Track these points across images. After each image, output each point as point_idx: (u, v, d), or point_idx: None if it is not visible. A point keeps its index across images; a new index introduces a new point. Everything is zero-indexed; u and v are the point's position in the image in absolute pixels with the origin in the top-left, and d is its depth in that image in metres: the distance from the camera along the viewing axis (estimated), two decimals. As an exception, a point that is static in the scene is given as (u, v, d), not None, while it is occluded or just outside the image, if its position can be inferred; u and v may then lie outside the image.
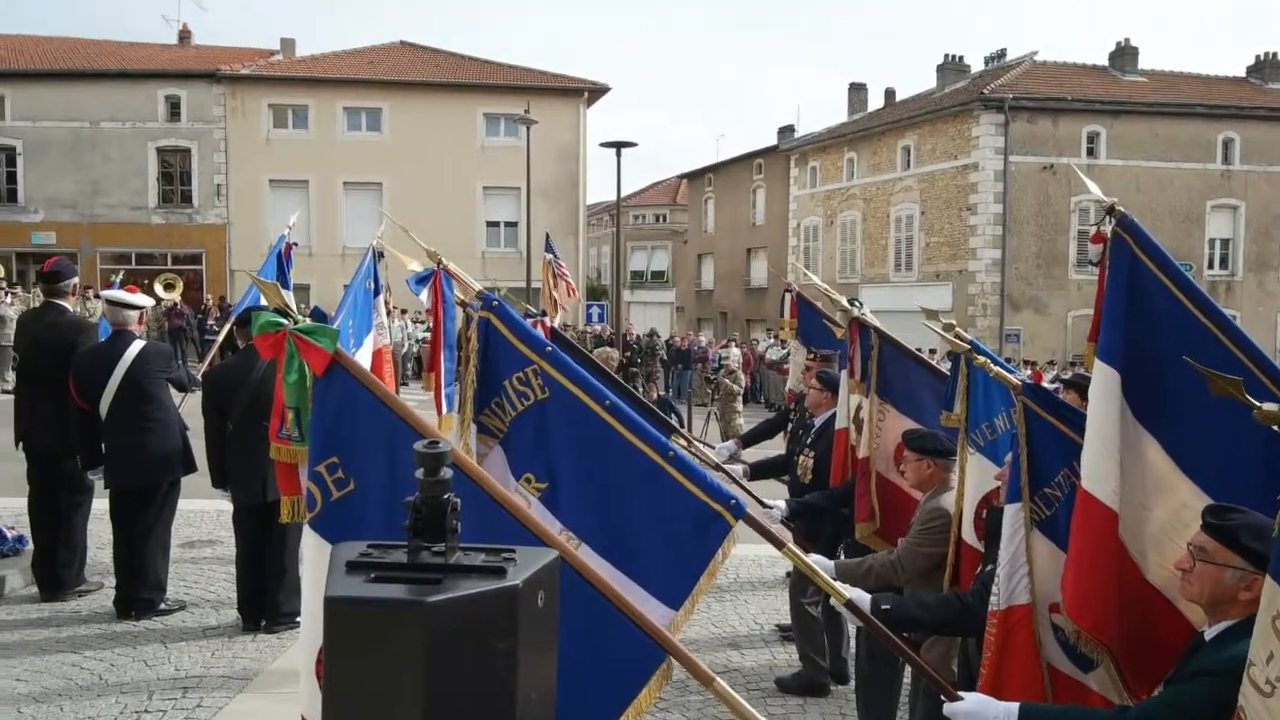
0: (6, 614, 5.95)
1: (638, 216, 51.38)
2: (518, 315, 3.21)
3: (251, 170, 29.18)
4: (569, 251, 29.20)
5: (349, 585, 1.35)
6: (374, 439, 2.39)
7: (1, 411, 12.04)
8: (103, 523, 6.29)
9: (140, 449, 5.86)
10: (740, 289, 40.67)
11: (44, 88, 28.64)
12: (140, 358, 5.89)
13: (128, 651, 5.36)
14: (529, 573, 1.38)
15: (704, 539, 2.76)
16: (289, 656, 5.37)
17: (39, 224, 28.79)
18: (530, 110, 25.21)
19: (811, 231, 36.25)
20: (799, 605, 5.43)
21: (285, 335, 2.37)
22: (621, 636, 2.33)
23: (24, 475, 6.40)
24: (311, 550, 2.43)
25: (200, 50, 32.80)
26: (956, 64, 34.27)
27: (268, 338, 2.39)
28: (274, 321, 2.38)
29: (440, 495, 1.43)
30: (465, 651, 1.30)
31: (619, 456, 2.87)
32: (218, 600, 6.27)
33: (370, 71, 30.57)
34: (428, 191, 27.12)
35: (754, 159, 40.03)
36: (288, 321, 2.39)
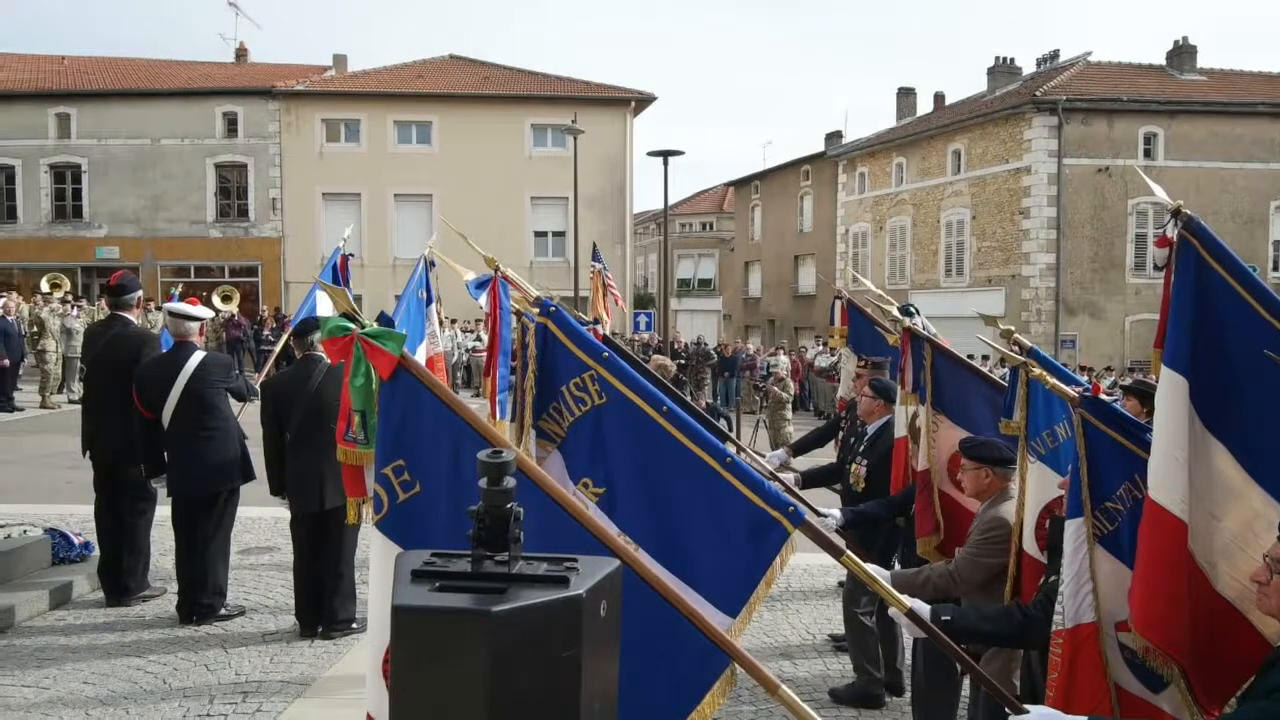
0: (74, 618, 6.12)
1: (684, 225, 51.40)
2: (575, 321, 3.22)
3: (305, 184, 29.77)
4: (615, 261, 29.31)
5: (415, 594, 1.37)
6: (439, 442, 2.42)
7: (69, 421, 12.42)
8: (166, 529, 6.44)
9: (201, 458, 5.99)
10: (788, 296, 40.43)
11: (108, 107, 29.54)
12: (201, 368, 6.02)
13: (189, 656, 5.47)
14: (592, 582, 1.38)
15: (762, 546, 2.75)
16: (346, 662, 5.45)
17: (103, 239, 29.66)
18: (577, 120, 25.37)
19: (860, 238, 35.94)
20: (853, 615, 5.36)
21: (353, 339, 2.40)
22: (685, 642, 2.32)
23: (91, 483, 6.58)
24: (378, 552, 2.46)
25: (256, 67, 33.58)
26: (1008, 66, 33.78)
27: (336, 342, 2.43)
28: (342, 326, 2.42)
29: (503, 505, 1.44)
30: (529, 660, 1.31)
31: (676, 462, 2.86)
32: (276, 606, 6.38)
33: (420, 85, 31.03)
34: (476, 202, 27.40)
35: (801, 166, 39.82)
36: (355, 326, 2.42)
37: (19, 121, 29.29)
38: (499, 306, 4.18)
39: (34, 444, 13.20)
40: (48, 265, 27.00)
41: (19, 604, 6.02)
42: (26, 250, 29.48)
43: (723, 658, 2.36)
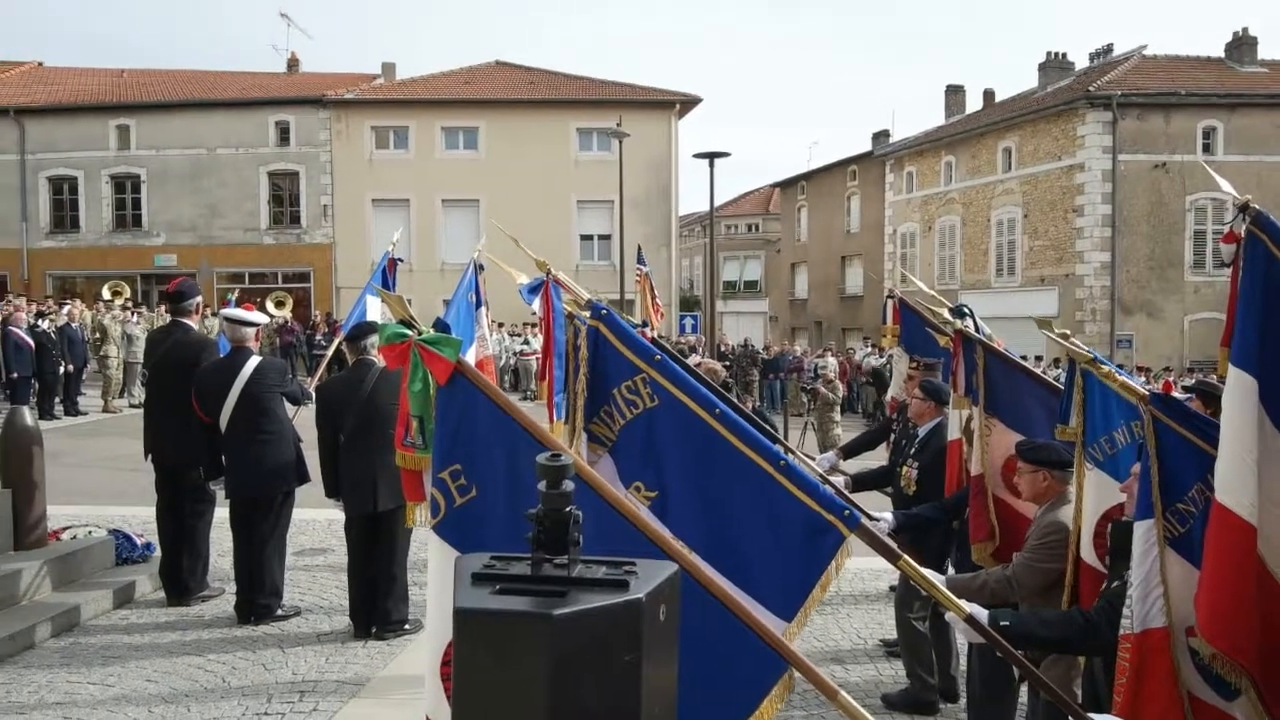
0: (137, 617, 6.27)
1: (730, 226, 51.27)
2: (626, 324, 3.23)
3: (355, 190, 30.23)
4: (661, 263, 29.34)
5: (476, 597, 1.37)
6: (496, 446, 2.44)
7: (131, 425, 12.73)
8: (224, 530, 6.57)
9: (257, 461, 6.10)
10: (835, 297, 40.11)
11: (166, 118, 30.31)
12: (257, 372, 6.13)
13: (248, 655, 5.58)
14: (651, 586, 1.38)
15: (817, 550, 2.72)
16: (400, 663, 5.51)
17: (161, 247, 30.41)
18: (622, 124, 25.44)
19: (908, 238, 35.53)
20: (905, 620, 5.29)
21: (410, 346, 2.44)
22: (742, 646, 2.31)
23: (153, 485, 6.74)
24: (436, 555, 2.49)
25: (307, 77, 34.18)
26: (1060, 61, 33.16)
27: (394, 348, 2.46)
28: (400, 332, 2.45)
29: (562, 508, 1.44)
30: (589, 664, 1.31)
31: (729, 465, 2.85)
32: (330, 607, 6.47)
33: (467, 91, 31.36)
34: (523, 206, 27.57)
35: (848, 166, 39.49)
36: (412, 333, 2.45)
37: (81, 133, 30.19)
38: (552, 310, 4.20)
39: (97, 447, 13.57)
40: (109, 273, 27.80)
41: (84, 603, 6.18)
42: (89, 259, 30.36)
43: (780, 663, 2.34)
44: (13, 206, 30.25)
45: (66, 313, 18.86)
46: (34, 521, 6.61)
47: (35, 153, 30.20)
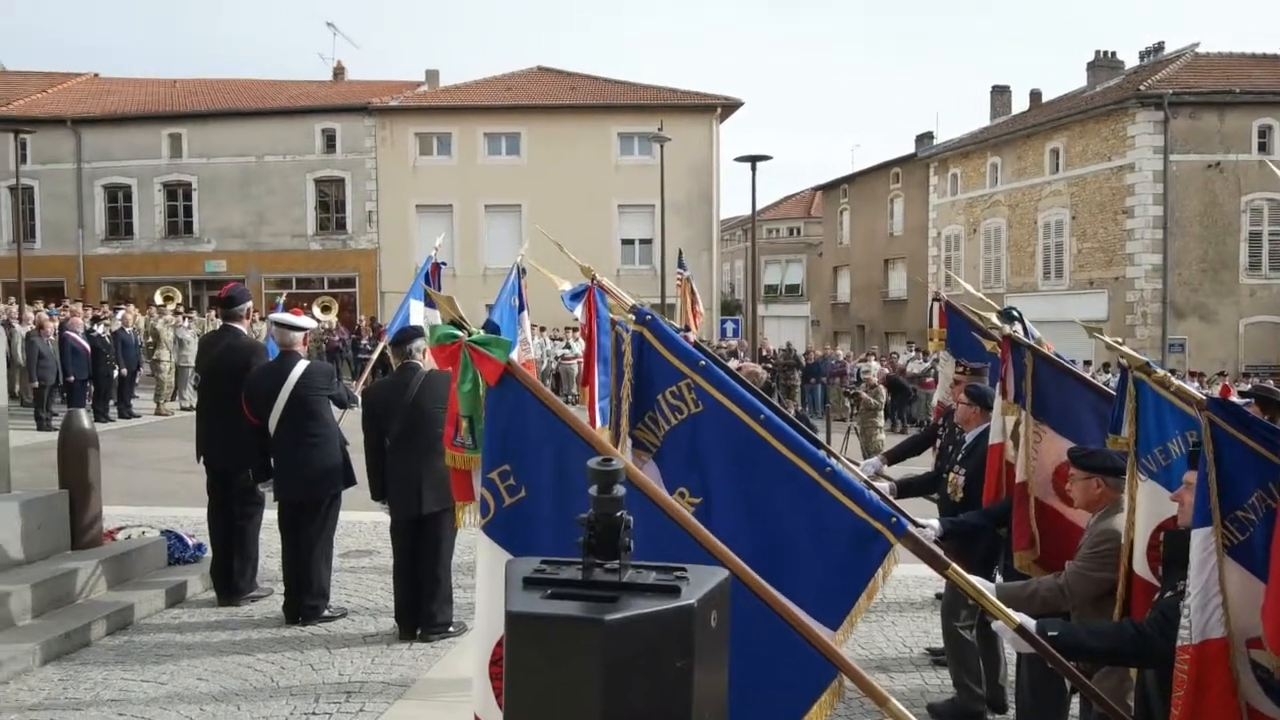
0: (189, 616, 6.39)
1: (771, 230, 51.04)
2: (671, 329, 3.22)
3: (399, 197, 30.61)
4: (702, 267, 29.28)
5: (527, 601, 1.38)
6: (545, 447, 2.45)
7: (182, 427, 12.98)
8: (273, 532, 6.67)
9: (305, 464, 6.18)
10: (878, 301, 39.75)
11: (216, 127, 30.95)
12: (305, 376, 6.23)
13: (296, 655, 5.66)
14: (703, 592, 1.37)
15: (863, 558, 2.69)
16: (444, 664, 5.55)
17: (211, 253, 31.05)
18: (664, 128, 25.46)
19: (953, 240, 35.10)
20: (952, 629, 5.22)
21: (460, 347, 2.45)
22: (792, 652, 2.29)
23: (203, 487, 6.87)
24: (485, 555, 2.50)
25: (353, 85, 34.69)
26: (1109, 60, 32.59)
27: (444, 349, 2.48)
28: (450, 333, 2.47)
29: (614, 513, 1.44)
30: (641, 669, 1.30)
31: (774, 471, 2.82)
32: (376, 608, 6.54)
33: (509, 98, 31.60)
34: (564, 211, 27.69)
35: (891, 168, 39.14)
36: (463, 334, 2.47)
37: (135, 142, 30.93)
38: (596, 315, 4.21)
39: (150, 449, 13.87)
40: (161, 279, 28.39)
41: (138, 602, 6.32)
42: (142, 265, 31.09)
43: (830, 668, 2.32)
44: (70, 214, 31.08)
45: (121, 318, 19.34)
46: (90, 521, 6.77)
47: (91, 161, 31.00)
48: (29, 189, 29.64)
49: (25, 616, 5.74)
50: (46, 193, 31.02)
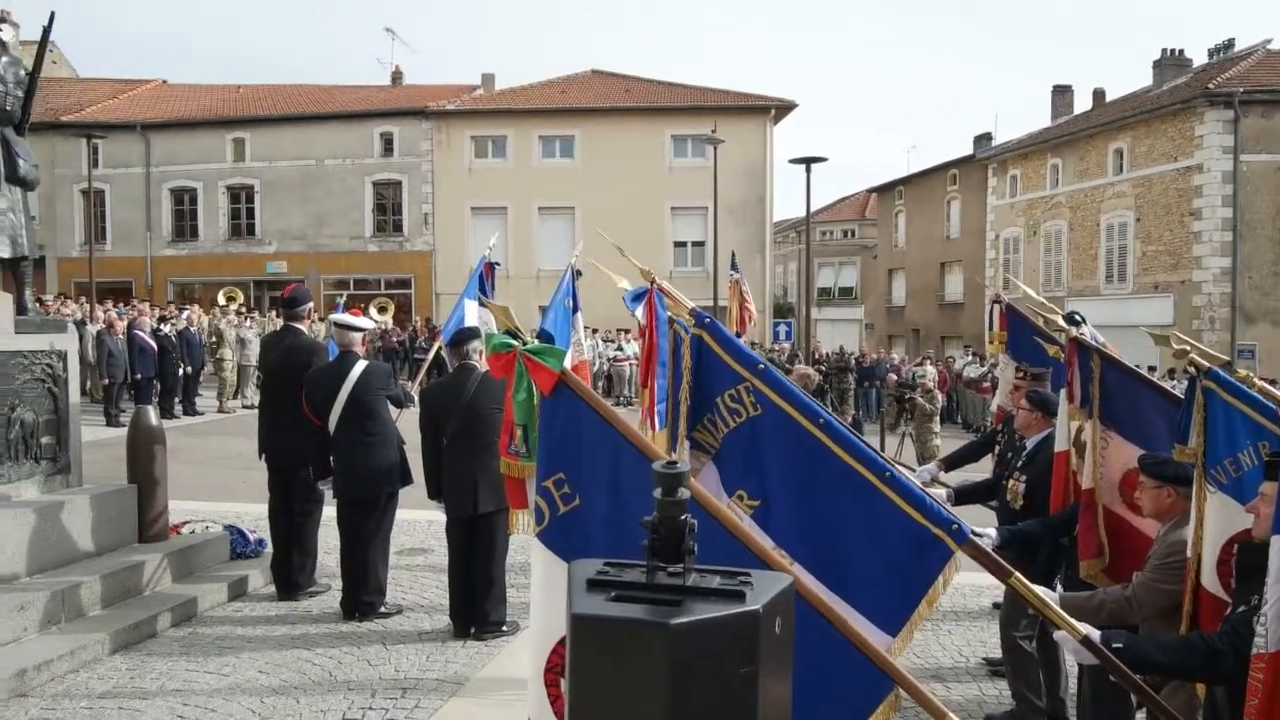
0: (250, 610, 6.54)
1: (825, 232, 50.63)
2: (730, 333, 3.21)
3: (455, 199, 30.99)
4: (755, 270, 29.13)
5: (592, 603, 1.38)
6: (598, 456, 2.46)
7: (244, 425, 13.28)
8: (331, 529, 6.79)
9: (363, 462, 6.28)
10: (934, 304, 39.18)
11: (278, 131, 31.66)
12: (364, 376, 6.32)
13: (353, 651, 5.75)
14: (768, 598, 1.36)
15: (924, 564, 2.65)
16: (498, 663, 5.60)
17: (272, 254, 31.75)
18: (717, 130, 25.40)
19: (1012, 243, 34.45)
20: (1011, 639, 5.11)
21: (515, 356, 2.47)
22: (848, 664, 2.26)
23: (264, 484, 7.02)
24: (539, 563, 2.51)
25: (410, 89, 35.20)
26: (1176, 59, 31.71)
27: (499, 358, 2.50)
28: (505, 343, 2.49)
29: (678, 516, 1.44)
30: (707, 675, 1.30)
31: (833, 476, 2.80)
32: (431, 606, 6.62)
33: (563, 100, 31.80)
34: (617, 213, 27.80)
35: (948, 169, 38.56)
36: (517, 343, 2.49)
37: (200, 147, 31.77)
38: (655, 318, 4.21)
39: (213, 446, 14.21)
40: (224, 279, 29.12)
41: (201, 595, 6.47)
42: (206, 266, 31.91)
43: (886, 681, 2.29)
44: (138, 217, 32.02)
45: (186, 317, 19.85)
46: (156, 515, 6.96)
47: (159, 165, 31.92)
48: (100, 192, 30.63)
49: (95, 607, 5.92)
50: (117, 196, 32.02)
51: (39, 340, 6.44)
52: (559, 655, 2.42)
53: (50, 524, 6.07)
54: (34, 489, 6.32)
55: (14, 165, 6.75)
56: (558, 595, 2.41)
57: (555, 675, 2.43)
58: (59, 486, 6.51)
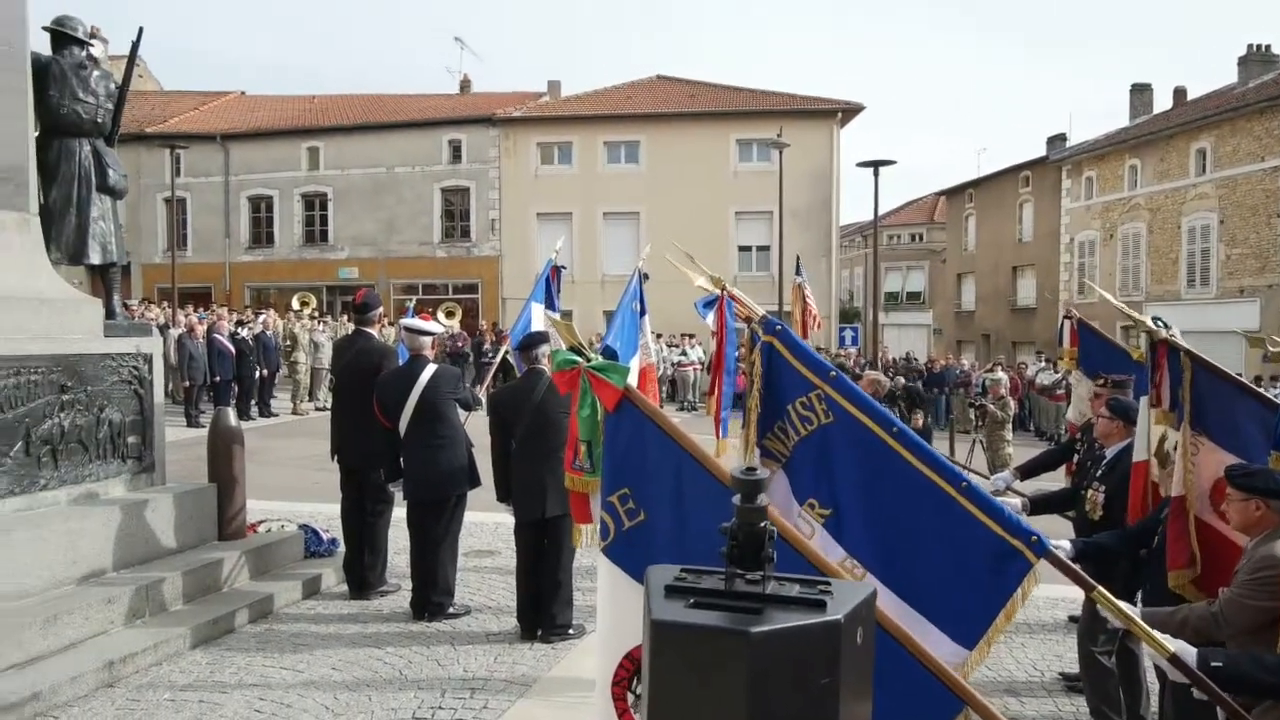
0: (323, 608, 6.68)
1: (892, 236, 49.91)
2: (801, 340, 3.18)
3: (521, 205, 31.32)
4: (820, 274, 28.85)
5: (672, 610, 1.37)
6: (663, 471, 2.45)
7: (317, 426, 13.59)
8: (401, 529, 6.91)
9: (433, 464, 6.37)
10: (1005, 309, 38.32)
11: (350, 140, 32.39)
12: (434, 380, 6.42)
13: (422, 650, 5.83)
14: (849, 607, 1.34)
15: (1001, 577, 2.59)
16: (565, 665, 5.63)
17: (344, 260, 32.49)
18: (783, 134, 25.23)
19: (1087, 246, 33.53)
20: (1089, 654, 4.96)
21: (580, 373, 2.49)
22: (916, 683, 2.21)
23: (337, 484, 7.17)
24: (605, 578, 2.52)
25: (478, 97, 35.70)
26: (1263, 54, 30.51)
27: (564, 374, 2.52)
28: (569, 360, 2.51)
29: (757, 523, 1.42)
30: (787, 684, 1.28)
31: (907, 485, 2.75)
32: (498, 608, 6.69)
33: (628, 106, 31.92)
34: (682, 218, 27.79)
35: (1020, 171, 37.71)
36: (582, 360, 2.51)
37: (277, 156, 32.68)
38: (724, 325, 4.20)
39: (287, 447, 14.58)
40: (298, 284, 29.87)
41: (277, 592, 6.64)
42: (281, 271, 32.78)
43: (955, 702, 2.22)
44: (218, 224, 33.06)
45: (262, 321, 20.41)
46: (234, 514, 7.16)
47: (237, 174, 32.91)
48: (182, 200, 31.68)
49: (177, 602, 6.11)
50: (197, 204, 33.10)
51: (126, 343, 6.68)
52: (625, 669, 2.42)
53: (135, 521, 6.28)
54: (121, 487, 6.55)
55: (105, 175, 7.03)
56: (624, 609, 2.42)
57: (622, 689, 2.44)
58: (144, 485, 6.74)
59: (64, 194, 7.02)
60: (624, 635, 2.37)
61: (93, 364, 6.33)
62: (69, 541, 5.78)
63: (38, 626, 5.17)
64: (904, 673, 2.23)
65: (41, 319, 6.12)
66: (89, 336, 6.46)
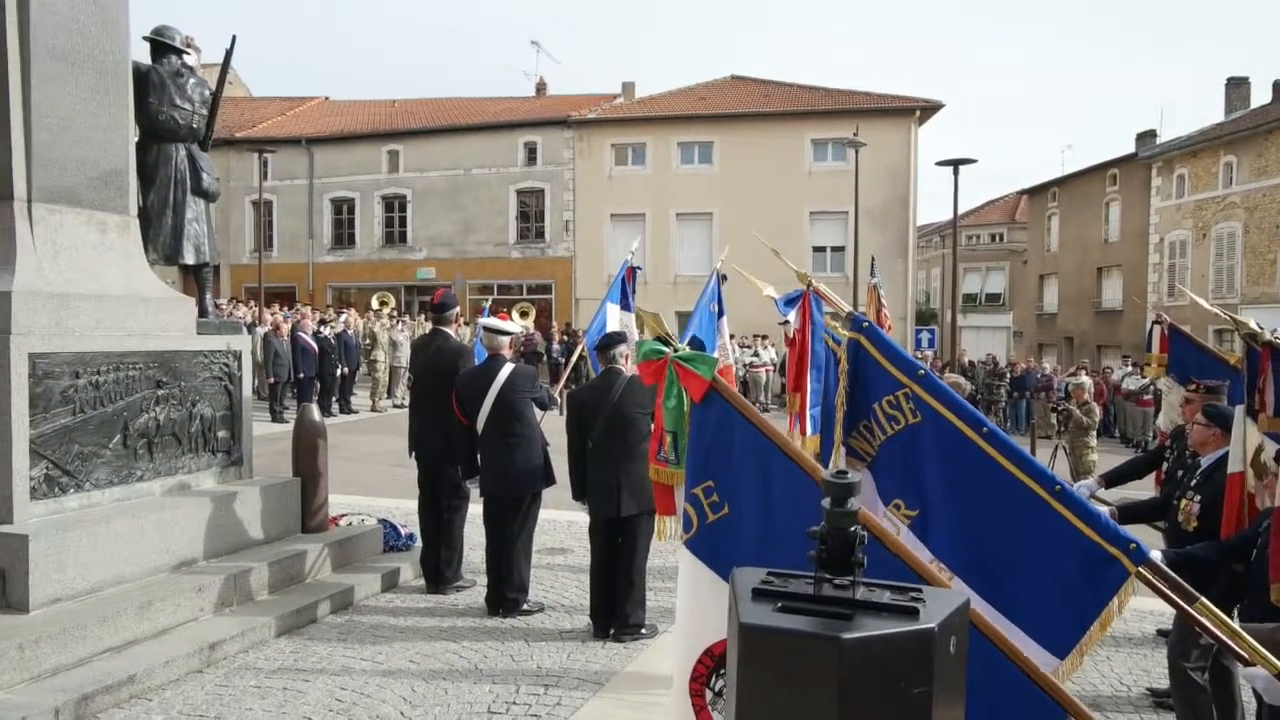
0: (401, 601, 6.82)
1: (971, 237, 48.82)
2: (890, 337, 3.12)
3: (595, 206, 31.52)
4: (897, 275, 28.40)
5: (759, 613, 1.36)
6: (748, 465, 2.42)
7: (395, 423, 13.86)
8: (477, 526, 7.01)
9: (509, 462, 6.45)
10: (1089, 312, 37.15)
11: (429, 143, 33.04)
12: (511, 378, 6.50)
13: (497, 645, 5.91)
14: (943, 616, 1.31)
15: (1097, 584, 2.50)
16: (638, 664, 5.63)
17: (422, 261, 33.15)
18: (859, 133, 24.89)
19: (1178, 247, 32.30)
20: (1181, 669, 4.77)
21: (666, 362, 2.48)
22: (1014, 691, 2.15)
23: (413, 481, 7.31)
24: (687, 571, 2.50)
25: (553, 99, 36.07)
26: (1371, 45, 29.00)
27: (649, 364, 2.51)
28: (656, 350, 2.50)
29: (847, 527, 1.41)
30: (879, 693, 1.26)
31: (998, 488, 2.67)
32: (571, 606, 6.74)
33: (702, 107, 31.85)
34: (755, 219, 27.49)
35: (1107, 169, 36.51)
36: (669, 350, 2.49)
37: (358, 159, 33.53)
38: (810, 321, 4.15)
39: (366, 443, 14.92)
40: (377, 285, 30.57)
41: (358, 585, 6.80)
42: (361, 272, 33.61)
43: (1058, 711, 2.15)
44: (302, 225, 34.06)
45: (344, 320, 20.94)
46: (317, 507, 7.36)
47: (321, 177, 33.86)
48: (269, 203, 32.74)
49: (263, 592, 6.31)
50: (283, 206, 34.14)
51: (218, 341, 6.92)
52: (705, 665, 2.40)
53: (225, 512, 6.51)
54: (211, 479, 6.79)
55: (199, 179, 7.30)
56: (705, 604, 2.40)
57: (700, 684, 2.42)
58: (232, 478, 6.98)
59: (161, 197, 7.32)
60: (704, 630, 2.36)
61: (186, 360, 6.57)
62: (162, 531, 6.01)
63: (133, 612, 5.39)
64: (1001, 679, 2.16)
65: (140, 316, 6.38)
66: (183, 334, 6.71)
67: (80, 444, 5.78)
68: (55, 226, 6.02)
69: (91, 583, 5.52)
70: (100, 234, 6.34)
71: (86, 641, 5.08)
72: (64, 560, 5.36)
